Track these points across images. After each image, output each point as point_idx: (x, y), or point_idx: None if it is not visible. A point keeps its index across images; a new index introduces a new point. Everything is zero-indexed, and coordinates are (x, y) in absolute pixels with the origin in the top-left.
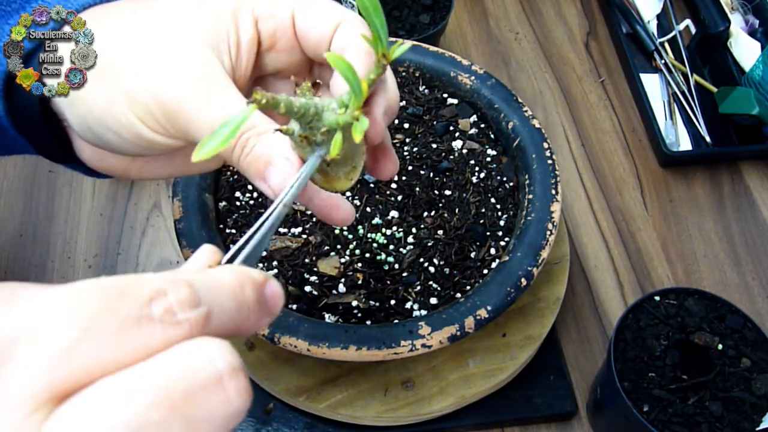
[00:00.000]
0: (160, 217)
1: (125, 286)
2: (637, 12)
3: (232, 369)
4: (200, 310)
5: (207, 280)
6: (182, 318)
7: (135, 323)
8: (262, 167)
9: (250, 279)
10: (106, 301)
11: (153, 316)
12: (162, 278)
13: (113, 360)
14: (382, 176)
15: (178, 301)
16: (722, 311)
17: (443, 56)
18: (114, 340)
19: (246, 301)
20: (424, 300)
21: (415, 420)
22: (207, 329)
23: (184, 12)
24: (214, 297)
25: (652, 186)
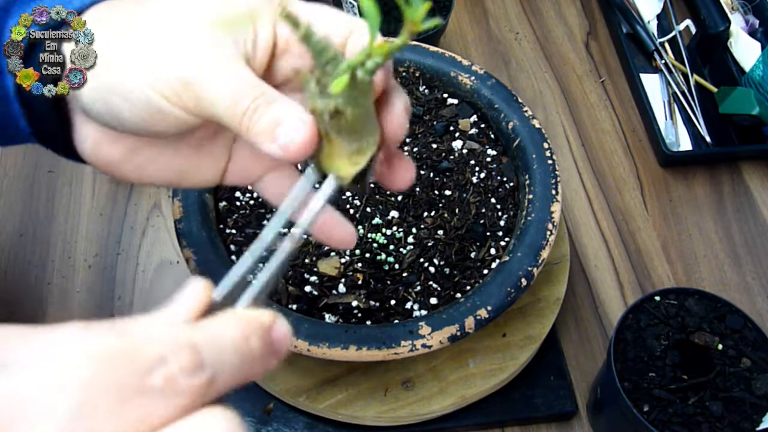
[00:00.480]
0: (160, 217)
1: (125, 352)
2: (637, 12)
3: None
4: (203, 375)
5: (209, 337)
6: (185, 386)
7: (135, 395)
8: (273, 126)
9: (256, 326)
10: (104, 369)
11: (154, 386)
12: (163, 341)
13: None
14: (397, 184)
15: (180, 369)
16: (722, 311)
17: (443, 56)
18: (114, 416)
19: (251, 354)
20: (424, 300)
21: (415, 420)
22: (211, 391)
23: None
24: (218, 356)
25: (652, 186)
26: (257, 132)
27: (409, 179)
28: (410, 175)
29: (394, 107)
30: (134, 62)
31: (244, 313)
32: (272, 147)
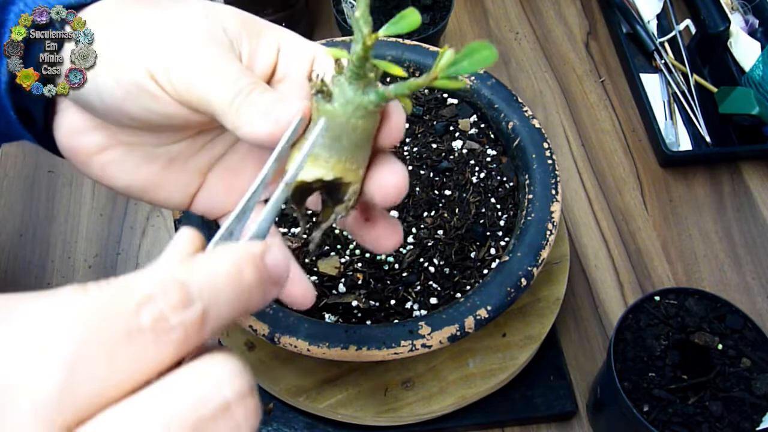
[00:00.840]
0: (160, 217)
1: (112, 298)
2: (637, 12)
3: (239, 395)
4: (194, 309)
5: (199, 271)
6: (175, 322)
7: (125, 339)
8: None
9: (247, 257)
10: (92, 318)
11: (143, 326)
12: (149, 280)
13: (112, 384)
14: (379, 247)
15: (169, 305)
16: (722, 311)
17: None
18: (108, 363)
19: (246, 285)
20: (424, 300)
21: (415, 420)
22: (206, 326)
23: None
24: (210, 289)
25: (652, 186)
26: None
27: (395, 243)
28: (398, 238)
29: (394, 169)
30: (129, 47)
31: (234, 245)
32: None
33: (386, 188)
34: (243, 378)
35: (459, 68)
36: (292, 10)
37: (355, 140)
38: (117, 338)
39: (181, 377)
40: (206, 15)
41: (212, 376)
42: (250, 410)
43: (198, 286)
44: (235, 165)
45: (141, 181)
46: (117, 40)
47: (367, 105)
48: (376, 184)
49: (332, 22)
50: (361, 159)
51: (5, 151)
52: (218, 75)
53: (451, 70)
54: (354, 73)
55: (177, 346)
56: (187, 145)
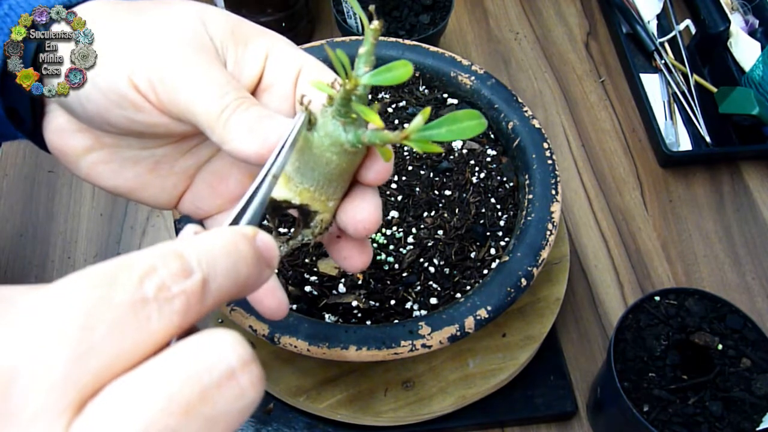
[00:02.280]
0: (160, 217)
1: (113, 272)
2: (637, 12)
3: (243, 362)
4: (195, 277)
5: (198, 245)
6: (177, 291)
7: (130, 310)
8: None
9: (240, 234)
10: (97, 291)
11: (147, 296)
12: (150, 254)
13: (120, 354)
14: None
15: (170, 274)
16: (722, 311)
17: (443, 56)
18: (114, 333)
19: (242, 257)
20: (424, 300)
21: (415, 420)
22: (207, 296)
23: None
24: (209, 260)
25: (652, 186)
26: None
27: (362, 265)
28: (365, 259)
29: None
30: (114, 55)
31: (226, 227)
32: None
33: (356, 223)
34: (244, 346)
35: (435, 134)
36: (292, 10)
37: (327, 173)
38: (122, 310)
39: (185, 347)
40: (193, 21)
41: (215, 345)
42: (255, 377)
43: (197, 257)
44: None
45: (127, 182)
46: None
47: (343, 143)
48: (348, 216)
49: (332, 21)
50: (332, 192)
51: (5, 151)
52: (204, 87)
53: (426, 134)
54: (337, 111)
55: (180, 316)
56: (173, 149)
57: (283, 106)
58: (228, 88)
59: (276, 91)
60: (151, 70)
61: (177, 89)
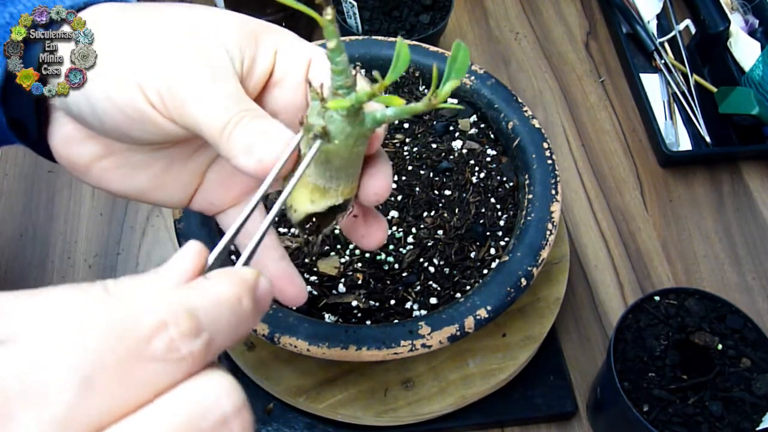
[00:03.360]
0: (160, 217)
1: (125, 320)
2: (637, 12)
3: (236, 408)
4: (202, 339)
5: (206, 300)
6: (185, 352)
7: (137, 364)
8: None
9: (245, 286)
10: (106, 341)
11: (155, 354)
12: (161, 306)
13: (120, 406)
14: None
15: (180, 334)
16: (722, 311)
17: (443, 56)
18: (118, 387)
19: (244, 313)
20: (424, 300)
21: (415, 420)
22: (210, 354)
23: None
24: (215, 318)
25: (652, 186)
26: (235, 144)
27: (380, 240)
28: (382, 235)
29: (379, 173)
30: (124, 64)
31: (234, 271)
32: (248, 160)
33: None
34: (238, 392)
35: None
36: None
37: (355, 163)
38: (129, 361)
39: (182, 393)
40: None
41: (211, 392)
42: (246, 423)
43: (204, 315)
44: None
45: (139, 185)
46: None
47: (366, 133)
48: (365, 188)
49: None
50: (357, 175)
51: (5, 151)
52: (209, 100)
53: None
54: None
55: (184, 372)
56: (183, 149)
57: (294, 98)
58: (232, 101)
59: (287, 85)
60: (160, 82)
61: (184, 102)
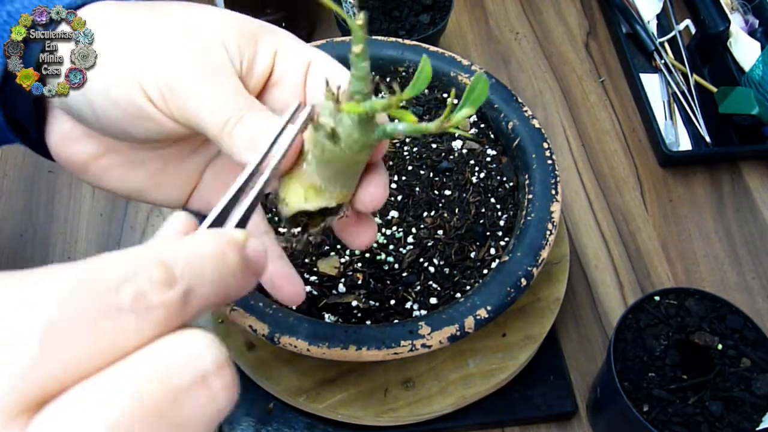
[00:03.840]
0: (160, 217)
1: (89, 273)
2: (637, 12)
3: (216, 365)
4: (177, 289)
5: (184, 252)
6: (157, 302)
7: (104, 315)
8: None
9: (231, 242)
10: (69, 293)
11: (123, 304)
12: (132, 258)
13: (87, 359)
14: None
15: (151, 283)
16: (722, 311)
17: (443, 56)
18: (83, 338)
19: (230, 268)
20: (424, 300)
21: (415, 420)
22: (187, 308)
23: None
24: (194, 269)
25: (652, 186)
26: (237, 140)
27: (367, 241)
28: (370, 237)
29: (376, 181)
30: (124, 62)
31: (217, 230)
32: (251, 155)
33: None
34: (219, 349)
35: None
36: (292, 10)
37: (356, 170)
38: (94, 313)
39: (156, 348)
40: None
41: (188, 347)
42: (227, 381)
43: (181, 266)
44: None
45: (137, 184)
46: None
47: (372, 143)
48: (361, 195)
49: (332, 21)
50: (357, 181)
51: (5, 151)
52: (210, 98)
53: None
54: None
55: (157, 325)
56: (182, 147)
57: (294, 99)
58: (231, 98)
59: (286, 86)
60: (160, 80)
61: (185, 99)
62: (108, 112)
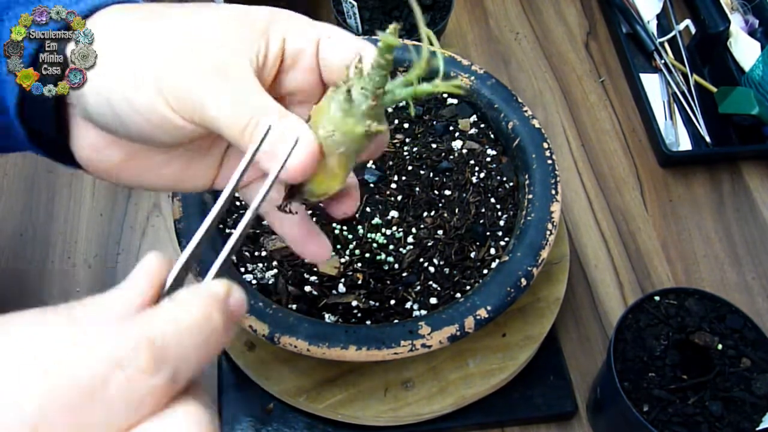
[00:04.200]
0: (160, 217)
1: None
2: (637, 12)
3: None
4: (165, 373)
5: (168, 326)
6: (146, 389)
7: (93, 408)
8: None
9: (215, 302)
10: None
11: (112, 397)
12: (119, 341)
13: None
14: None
15: (139, 371)
16: (722, 311)
17: (443, 56)
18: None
19: (214, 330)
20: (424, 300)
21: (415, 420)
22: (176, 386)
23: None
24: (179, 343)
25: (652, 186)
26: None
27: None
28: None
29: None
30: (143, 69)
31: (201, 288)
32: (273, 165)
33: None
34: (207, 424)
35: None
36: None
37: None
38: (84, 406)
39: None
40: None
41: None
42: None
43: (167, 343)
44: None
45: (167, 180)
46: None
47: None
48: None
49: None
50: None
51: None
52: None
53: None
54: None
55: (147, 408)
56: (203, 143)
57: (309, 78)
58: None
59: (300, 67)
60: (178, 87)
61: (202, 104)
62: (133, 121)
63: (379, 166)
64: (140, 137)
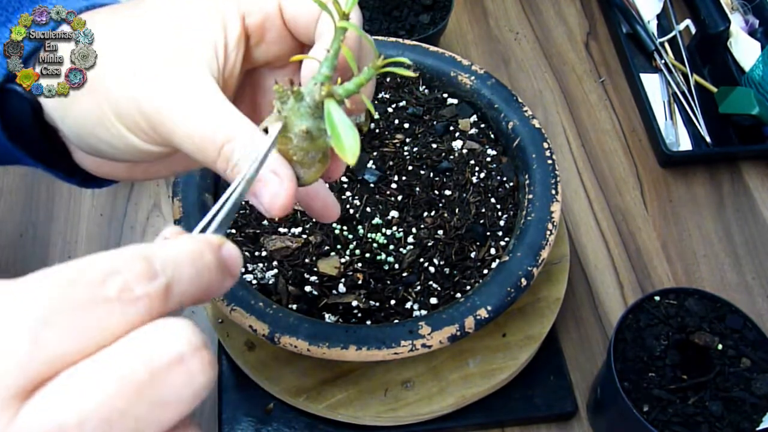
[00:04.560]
0: (160, 217)
1: (77, 271)
2: (637, 12)
3: (193, 347)
4: (158, 282)
5: (164, 250)
6: (140, 293)
7: (91, 306)
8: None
9: (207, 243)
10: (59, 289)
11: (109, 295)
12: (116, 255)
13: (76, 348)
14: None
15: (134, 276)
16: (722, 311)
17: (443, 56)
18: (72, 328)
19: (206, 266)
20: (424, 300)
21: (415, 420)
22: (169, 300)
23: (171, 21)
24: (173, 266)
25: (652, 186)
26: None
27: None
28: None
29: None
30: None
31: (195, 234)
32: (254, 201)
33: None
34: (196, 334)
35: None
36: None
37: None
38: (82, 306)
39: (137, 335)
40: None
41: (165, 331)
42: (205, 362)
43: (162, 262)
44: None
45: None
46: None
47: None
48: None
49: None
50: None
51: None
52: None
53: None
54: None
55: (141, 314)
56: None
57: (281, 47)
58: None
59: (269, 37)
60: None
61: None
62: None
63: (379, 166)
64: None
